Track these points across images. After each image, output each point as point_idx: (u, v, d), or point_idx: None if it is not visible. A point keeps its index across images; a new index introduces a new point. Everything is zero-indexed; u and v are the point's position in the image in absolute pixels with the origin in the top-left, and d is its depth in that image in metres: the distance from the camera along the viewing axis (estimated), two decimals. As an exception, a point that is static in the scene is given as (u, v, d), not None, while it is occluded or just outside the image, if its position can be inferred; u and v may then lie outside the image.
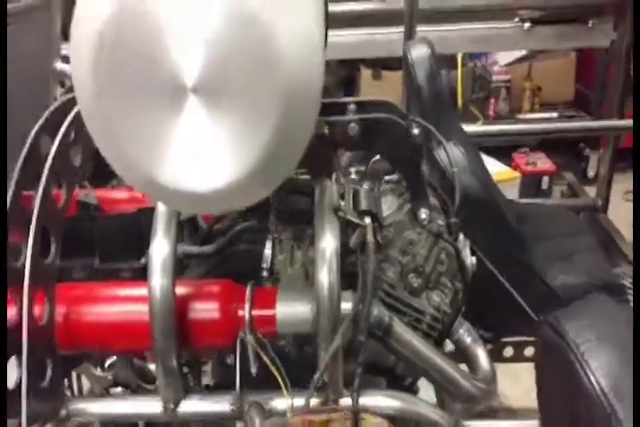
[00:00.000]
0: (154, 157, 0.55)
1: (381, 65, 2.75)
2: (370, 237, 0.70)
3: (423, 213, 0.81)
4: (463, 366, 0.85)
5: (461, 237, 0.86)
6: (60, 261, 0.78)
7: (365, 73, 2.86)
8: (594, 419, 0.48)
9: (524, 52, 2.79)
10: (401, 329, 0.73)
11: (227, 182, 0.55)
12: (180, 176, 0.55)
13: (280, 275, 0.81)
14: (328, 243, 0.69)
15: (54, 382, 0.73)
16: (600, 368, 0.48)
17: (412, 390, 0.84)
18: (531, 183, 2.42)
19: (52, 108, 0.85)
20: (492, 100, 2.84)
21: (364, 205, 0.73)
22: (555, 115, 2.82)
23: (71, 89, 1.04)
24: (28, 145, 0.78)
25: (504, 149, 2.51)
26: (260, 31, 0.52)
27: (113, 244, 0.93)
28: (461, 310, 0.83)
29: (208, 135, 0.54)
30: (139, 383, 0.90)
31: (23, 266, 0.72)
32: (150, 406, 0.73)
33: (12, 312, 0.71)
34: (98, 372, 0.92)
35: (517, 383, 1.55)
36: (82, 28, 0.54)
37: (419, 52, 1.20)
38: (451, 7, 2.10)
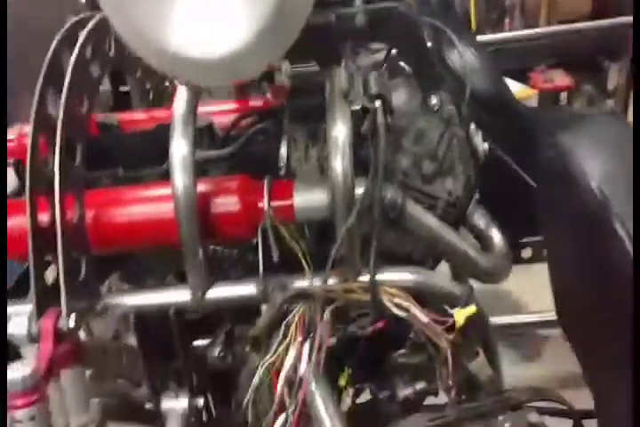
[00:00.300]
0: (163, 26, 0.58)
1: None
2: (380, 119, 0.71)
3: (433, 99, 0.82)
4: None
5: (473, 126, 0.86)
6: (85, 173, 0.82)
7: None
8: (590, 212, 0.50)
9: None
10: (414, 209, 0.75)
11: (236, 45, 0.57)
12: (190, 42, 0.58)
13: (296, 172, 0.83)
14: (339, 129, 0.70)
15: (89, 279, 0.77)
16: (594, 167, 0.50)
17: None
18: (549, 99, 2.37)
19: (69, 23, 0.87)
20: (507, 20, 2.75)
21: (373, 90, 0.74)
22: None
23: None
24: (48, 57, 0.80)
25: (520, 70, 2.44)
26: None
27: (135, 157, 0.96)
28: (474, 194, 0.84)
29: (217, 3, 0.56)
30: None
31: (52, 172, 0.75)
32: (180, 294, 0.77)
33: (44, 216, 0.75)
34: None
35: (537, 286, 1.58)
36: None
37: None
38: None
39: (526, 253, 1.35)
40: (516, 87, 2.28)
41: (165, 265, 0.90)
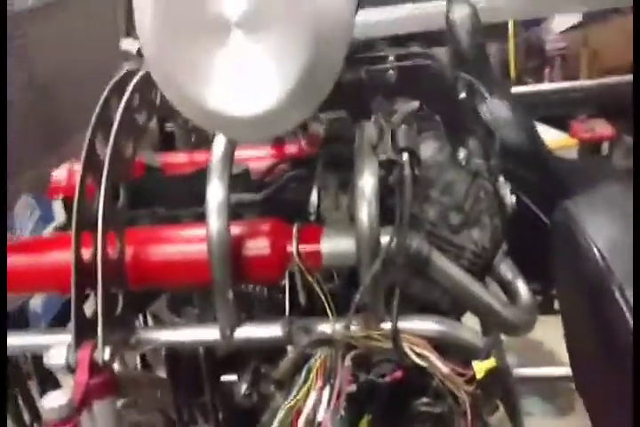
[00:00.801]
0: (204, 87, 0.64)
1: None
2: (407, 171, 0.73)
3: (462, 153, 0.85)
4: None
5: (501, 178, 0.88)
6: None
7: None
8: (593, 279, 0.51)
9: (579, 19, 2.72)
10: (440, 259, 0.76)
11: (269, 105, 0.63)
12: (228, 102, 0.64)
13: (326, 219, 0.86)
14: (367, 180, 0.73)
15: (125, 314, 0.81)
16: (597, 231, 0.51)
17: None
18: (590, 150, 2.36)
19: (120, 73, 0.94)
20: (547, 70, 2.78)
21: (402, 143, 0.76)
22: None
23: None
24: (100, 104, 0.87)
25: (560, 119, 2.45)
26: None
27: (176, 200, 1.01)
28: (501, 245, 0.85)
29: (251, 63, 0.62)
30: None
31: (97, 210, 0.81)
32: (210, 333, 0.80)
33: (87, 251, 0.80)
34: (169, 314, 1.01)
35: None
36: None
37: (460, 11, 1.21)
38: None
39: (558, 304, 1.33)
40: (556, 136, 2.28)
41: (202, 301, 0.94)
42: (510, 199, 0.86)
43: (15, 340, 0.85)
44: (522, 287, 0.84)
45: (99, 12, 1.13)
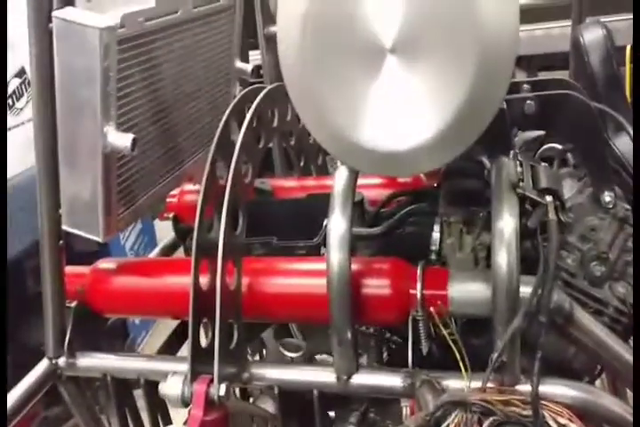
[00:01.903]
0: (356, 122, 0.60)
1: (539, 66, 2.53)
2: (552, 216, 0.67)
3: (607, 197, 0.77)
4: None
5: None
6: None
7: (519, 75, 2.75)
8: None
9: None
10: (583, 317, 0.70)
11: (425, 138, 0.58)
12: (380, 136, 0.59)
13: (448, 258, 0.81)
14: (507, 222, 0.67)
15: (240, 346, 0.79)
16: None
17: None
18: None
19: (238, 97, 0.94)
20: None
21: (544, 183, 0.70)
22: None
23: (251, 83, 1.13)
24: (220, 129, 0.86)
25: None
26: None
27: (287, 225, 0.99)
28: None
29: (406, 93, 0.58)
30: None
31: (216, 238, 0.80)
32: (325, 375, 0.76)
33: (205, 279, 0.79)
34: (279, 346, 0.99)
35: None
36: (289, 5, 0.60)
37: (593, 34, 1.10)
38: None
39: None
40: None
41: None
42: (664, 252, 0.77)
43: (130, 363, 0.86)
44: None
45: (216, 34, 1.14)
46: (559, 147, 0.87)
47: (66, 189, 0.86)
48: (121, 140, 0.82)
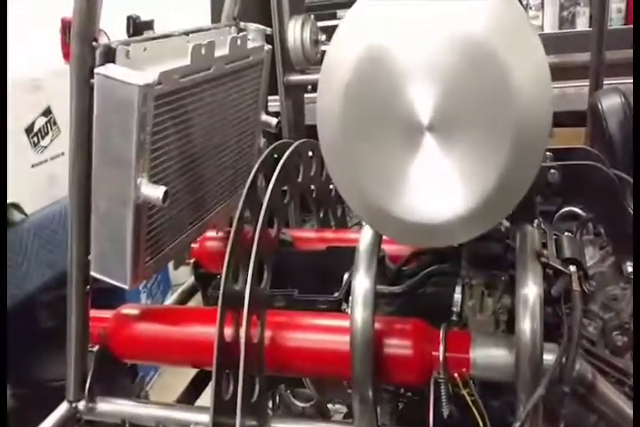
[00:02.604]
0: (391, 193, 0.62)
1: (554, 122, 2.67)
2: (575, 286, 0.69)
3: (629, 267, 0.79)
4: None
5: None
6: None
7: None
8: None
9: None
10: (605, 387, 0.70)
11: (460, 212, 0.60)
12: (416, 209, 0.62)
13: (468, 320, 0.82)
14: (531, 289, 0.69)
15: (261, 399, 0.80)
16: None
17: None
18: None
19: (267, 151, 0.97)
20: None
21: (567, 253, 0.72)
22: None
23: (275, 138, 1.17)
24: (249, 182, 0.90)
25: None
26: (496, 71, 0.57)
27: (308, 277, 1.01)
28: None
29: (442, 169, 0.60)
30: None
31: (242, 290, 0.82)
32: (346, 433, 0.77)
33: (229, 331, 0.80)
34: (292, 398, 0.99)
35: None
36: (332, 76, 0.64)
37: (611, 101, 1.15)
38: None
39: None
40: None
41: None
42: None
43: (150, 411, 0.87)
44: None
45: (245, 89, 1.18)
46: (578, 211, 0.90)
47: (96, 236, 0.88)
48: (153, 191, 0.85)
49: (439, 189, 0.61)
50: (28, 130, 1.82)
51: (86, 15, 0.79)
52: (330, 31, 0.97)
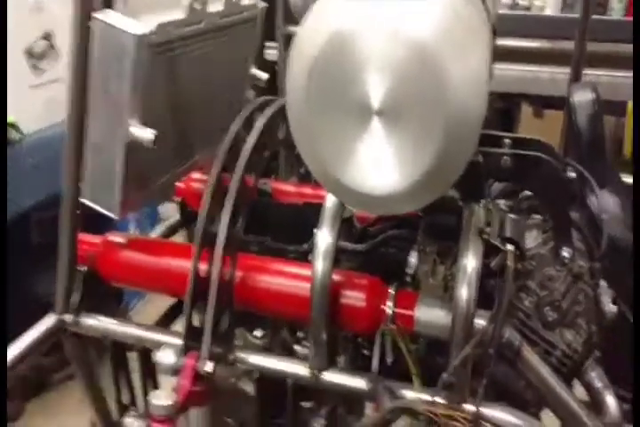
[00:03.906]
0: (343, 165, 0.69)
1: (544, 103, 2.65)
2: (509, 263, 0.76)
3: (565, 252, 0.85)
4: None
5: (604, 284, 0.88)
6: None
7: (526, 109, 2.80)
8: None
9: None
10: (530, 355, 0.78)
11: (397, 188, 0.67)
12: (362, 180, 0.69)
13: (421, 283, 0.90)
14: (470, 261, 0.77)
15: (229, 331, 0.89)
16: None
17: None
18: None
19: (249, 107, 1.02)
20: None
21: (508, 233, 0.78)
22: None
23: (262, 92, 1.21)
24: (230, 137, 0.95)
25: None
26: (436, 73, 0.63)
27: (282, 228, 1.08)
28: (594, 352, 0.85)
29: (386, 150, 0.67)
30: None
31: (217, 231, 0.88)
32: (299, 368, 0.86)
33: (203, 267, 0.88)
34: (251, 337, 1.10)
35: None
36: (302, 49, 0.69)
37: (582, 97, 1.17)
38: (623, 53, 2.00)
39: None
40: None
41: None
42: (610, 309, 0.86)
43: (130, 330, 0.97)
44: (609, 400, 0.83)
45: (236, 43, 1.22)
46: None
47: (89, 167, 0.94)
48: (143, 133, 0.90)
49: (381, 166, 0.68)
50: (28, 51, 1.83)
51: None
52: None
